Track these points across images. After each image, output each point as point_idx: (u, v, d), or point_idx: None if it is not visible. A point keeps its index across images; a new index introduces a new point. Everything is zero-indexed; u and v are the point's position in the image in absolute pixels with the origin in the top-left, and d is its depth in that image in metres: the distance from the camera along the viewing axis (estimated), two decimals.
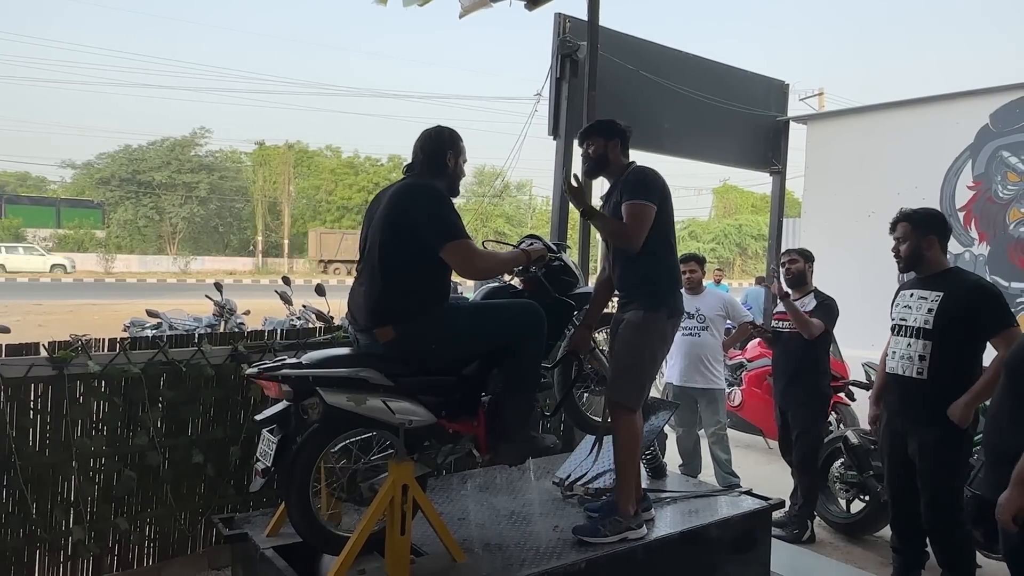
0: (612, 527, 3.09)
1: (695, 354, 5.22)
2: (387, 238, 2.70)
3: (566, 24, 6.07)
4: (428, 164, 2.87)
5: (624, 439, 3.14)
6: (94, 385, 3.41)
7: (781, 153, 8.34)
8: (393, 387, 2.67)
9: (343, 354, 2.76)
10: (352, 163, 43.71)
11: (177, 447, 3.63)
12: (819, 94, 19.84)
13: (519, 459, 3.10)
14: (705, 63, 7.59)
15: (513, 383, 2.92)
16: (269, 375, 2.59)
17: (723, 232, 44.56)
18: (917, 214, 3.51)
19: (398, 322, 2.68)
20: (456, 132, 2.95)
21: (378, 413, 2.61)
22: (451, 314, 2.82)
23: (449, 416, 2.85)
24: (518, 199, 47.33)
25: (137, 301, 15.34)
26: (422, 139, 2.91)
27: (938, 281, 3.41)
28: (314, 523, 2.75)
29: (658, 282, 3.14)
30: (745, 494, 3.88)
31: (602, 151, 3.24)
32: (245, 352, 3.76)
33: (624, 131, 3.29)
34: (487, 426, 2.92)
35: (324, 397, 2.54)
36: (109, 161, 40.14)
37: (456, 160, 2.92)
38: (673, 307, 3.19)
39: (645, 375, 3.16)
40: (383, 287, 2.70)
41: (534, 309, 2.94)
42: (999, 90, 6.50)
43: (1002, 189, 6.41)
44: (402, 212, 2.70)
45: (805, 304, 4.71)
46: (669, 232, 3.20)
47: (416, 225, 2.68)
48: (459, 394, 2.87)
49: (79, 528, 3.38)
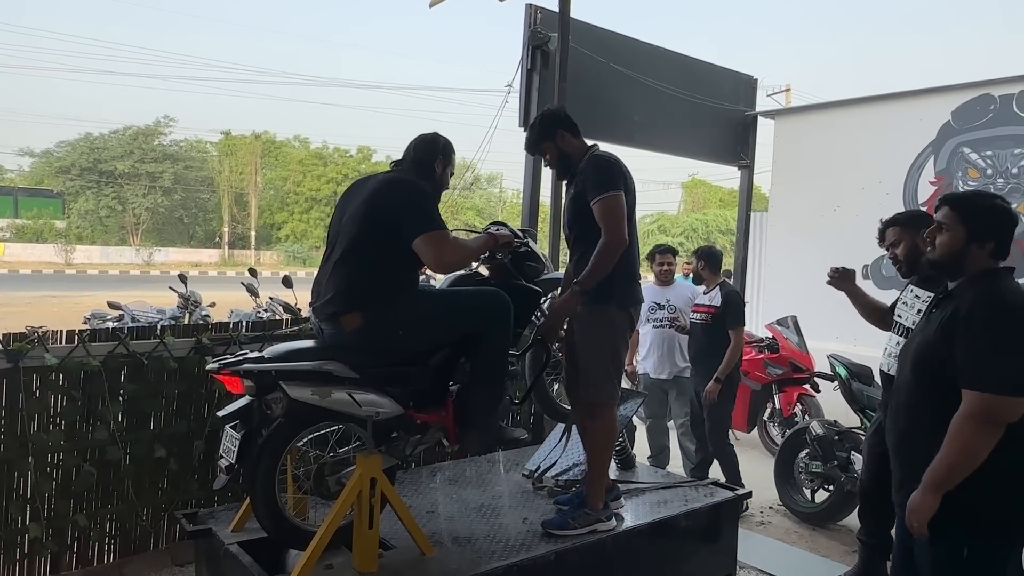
0: (582, 519, 3.09)
1: (665, 345, 5.30)
2: (364, 229, 2.68)
3: (537, 15, 6.06)
4: (416, 165, 2.87)
5: (601, 434, 3.13)
6: (51, 378, 3.32)
7: (749, 147, 8.44)
8: (358, 379, 2.63)
9: (307, 347, 2.71)
10: (321, 154, 43.21)
11: (139, 441, 3.55)
12: (786, 90, 20.06)
13: (488, 448, 3.10)
14: (675, 57, 7.63)
15: (480, 372, 2.90)
16: (231, 370, 2.54)
17: (691, 226, 44.97)
18: (902, 215, 3.50)
19: (365, 309, 2.65)
20: (451, 144, 2.96)
21: (344, 406, 2.57)
22: (417, 301, 2.80)
23: (417, 406, 2.83)
24: (488, 192, 47.26)
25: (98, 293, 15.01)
26: (417, 141, 2.92)
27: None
28: (280, 518, 2.70)
29: (610, 275, 3.02)
30: (712, 484, 3.92)
31: (556, 152, 3.17)
32: (209, 344, 3.69)
33: (562, 118, 3.20)
34: (456, 416, 2.90)
35: (288, 391, 2.49)
36: (69, 150, 39.17)
37: (444, 168, 2.92)
38: (624, 298, 3.09)
39: (613, 369, 3.13)
40: (352, 274, 2.68)
41: (500, 297, 2.91)
42: (961, 87, 6.63)
43: (963, 185, 6.55)
44: (381, 203, 2.69)
45: (712, 299, 4.96)
46: (634, 227, 3.12)
47: (393, 215, 2.66)
48: (427, 384, 2.84)
49: (36, 525, 3.30)
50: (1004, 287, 2.19)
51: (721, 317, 4.88)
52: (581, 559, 3.05)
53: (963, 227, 2.24)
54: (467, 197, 43.40)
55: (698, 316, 5.03)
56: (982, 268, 2.24)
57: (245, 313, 7.39)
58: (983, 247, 2.22)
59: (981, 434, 2.06)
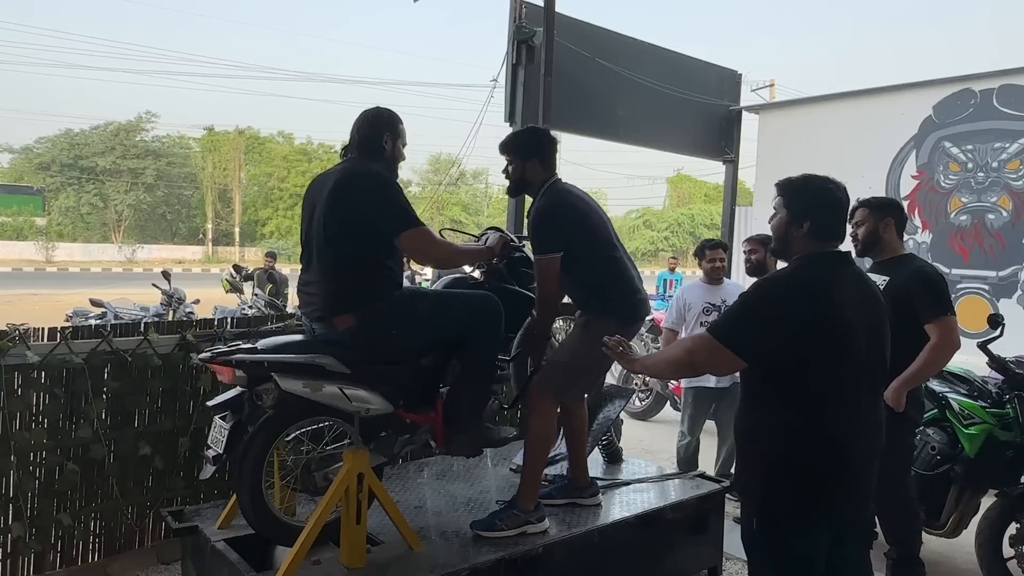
0: (510, 521, 3.02)
1: None
2: (336, 229, 2.64)
3: (522, 10, 6.05)
4: (363, 147, 2.79)
5: (536, 431, 3.07)
6: (33, 376, 3.28)
7: (734, 142, 8.50)
8: (350, 375, 2.62)
9: (299, 341, 2.71)
10: (305, 149, 42.96)
11: (123, 439, 3.52)
12: (770, 85, 20.15)
13: (475, 451, 3.07)
14: (660, 52, 7.66)
15: (469, 374, 2.91)
16: (223, 359, 2.53)
17: (676, 221, 45.17)
18: (875, 199, 3.60)
19: (357, 309, 2.64)
20: (395, 114, 2.87)
21: (334, 400, 2.58)
22: (411, 300, 2.80)
23: (407, 406, 2.83)
24: (474, 187, 47.22)
25: (80, 290, 14.84)
26: (359, 121, 2.83)
27: (889, 266, 3.49)
28: (267, 514, 2.69)
29: (602, 295, 3.05)
30: (698, 477, 3.95)
31: (519, 175, 3.11)
32: (194, 341, 3.66)
33: (545, 147, 3.14)
34: (444, 417, 2.90)
35: (280, 383, 2.49)
36: (49, 146, 38.71)
37: (394, 143, 2.84)
38: (624, 315, 3.06)
39: (576, 373, 3.10)
40: (338, 278, 2.66)
41: (492, 301, 2.91)
42: (942, 82, 6.71)
43: (944, 179, 6.63)
44: (349, 201, 2.64)
45: None
46: (602, 247, 3.06)
47: (366, 214, 2.63)
48: (416, 384, 2.84)
49: (19, 525, 3.26)
50: (791, 270, 2.27)
51: None
52: (568, 552, 3.06)
53: (785, 211, 2.32)
54: (453, 192, 43.33)
55: None
56: (803, 252, 2.27)
57: (230, 309, 7.35)
58: (801, 228, 2.27)
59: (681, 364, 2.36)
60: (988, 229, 6.32)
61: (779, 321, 2.12)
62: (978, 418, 3.63)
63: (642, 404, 7.68)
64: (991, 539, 3.57)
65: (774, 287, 2.24)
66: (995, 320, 3.66)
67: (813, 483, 2.17)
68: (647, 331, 10.21)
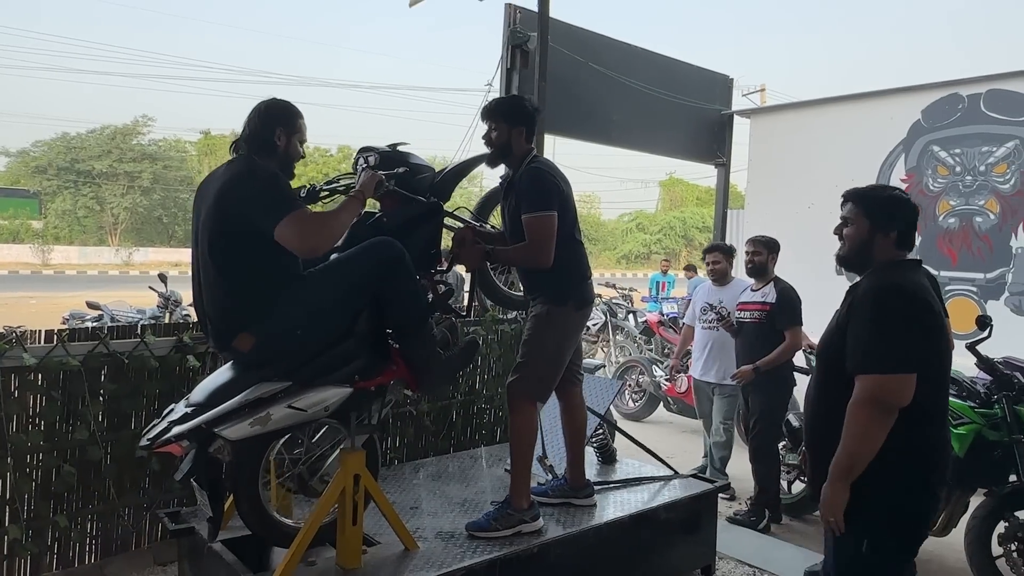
0: (504, 521, 3.05)
1: (714, 347, 5.09)
2: (219, 241, 2.43)
3: (516, 15, 6.09)
4: (253, 143, 2.58)
5: (520, 432, 3.10)
6: (30, 378, 3.30)
7: (726, 146, 8.55)
8: (291, 386, 2.46)
9: (227, 379, 2.48)
10: None
11: (120, 441, 3.54)
12: (761, 90, 20.20)
13: (448, 381, 3.00)
14: (653, 56, 7.71)
15: (403, 326, 2.75)
16: (163, 442, 2.36)
17: (669, 224, 45.20)
18: None
19: (252, 324, 2.43)
20: (291, 107, 2.66)
21: (290, 419, 2.45)
22: (301, 292, 2.51)
23: (363, 376, 2.67)
24: (468, 190, 47.14)
25: (77, 293, 14.82)
26: (250, 114, 2.61)
27: None
28: (263, 515, 2.70)
29: (562, 278, 3.06)
30: (691, 477, 3.98)
31: (505, 139, 3.07)
32: (191, 343, 3.69)
33: (532, 115, 3.13)
34: (406, 362, 2.77)
35: (227, 436, 2.36)
36: (46, 149, 38.54)
37: (288, 139, 2.63)
38: (581, 298, 3.14)
39: (548, 368, 3.12)
40: (224, 293, 2.47)
41: (385, 246, 2.65)
42: (931, 87, 6.76)
43: (932, 182, 6.68)
44: (227, 206, 2.42)
45: (766, 295, 4.70)
46: (571, 228, 3.09)
47: (243, 215, 2.39)
48: (362, 352, 2.66)
49: (15, 527, 3.27)
50: (897, 275, 2.19)
51: (775, 315, 4.58)
52: (563, 552, 3.09)
53: (866, 220, 2.28)
54: None
55: (747, 314, 4.74)
56: (887, 259, 2.26)
57: None
58: (887, 237, 2.26)
59: (873, 417, 2.06)
60: (976, 232, 6.38)
61: (921, 327, 2.11)
62: (967, 418, 3.68)
63: (635, 405, 7.72)
64: (980, 537, 3.63)
65: (896, 299, 2.12)
66: (983, 321, 3.72)
67: (933, 503, 2.18)
68: (640, 333, 10.31)
